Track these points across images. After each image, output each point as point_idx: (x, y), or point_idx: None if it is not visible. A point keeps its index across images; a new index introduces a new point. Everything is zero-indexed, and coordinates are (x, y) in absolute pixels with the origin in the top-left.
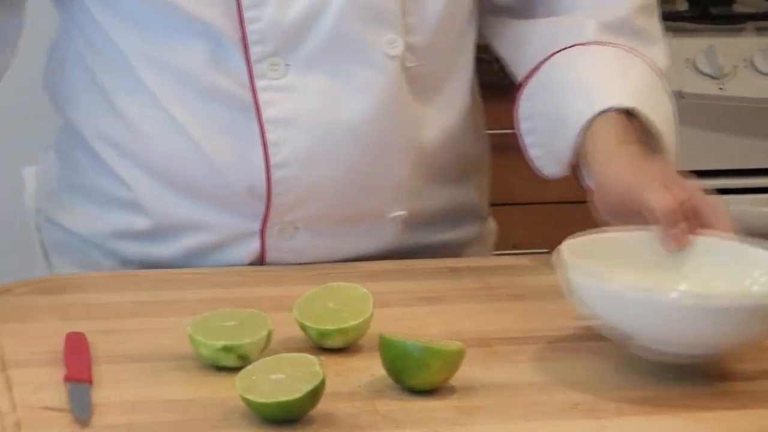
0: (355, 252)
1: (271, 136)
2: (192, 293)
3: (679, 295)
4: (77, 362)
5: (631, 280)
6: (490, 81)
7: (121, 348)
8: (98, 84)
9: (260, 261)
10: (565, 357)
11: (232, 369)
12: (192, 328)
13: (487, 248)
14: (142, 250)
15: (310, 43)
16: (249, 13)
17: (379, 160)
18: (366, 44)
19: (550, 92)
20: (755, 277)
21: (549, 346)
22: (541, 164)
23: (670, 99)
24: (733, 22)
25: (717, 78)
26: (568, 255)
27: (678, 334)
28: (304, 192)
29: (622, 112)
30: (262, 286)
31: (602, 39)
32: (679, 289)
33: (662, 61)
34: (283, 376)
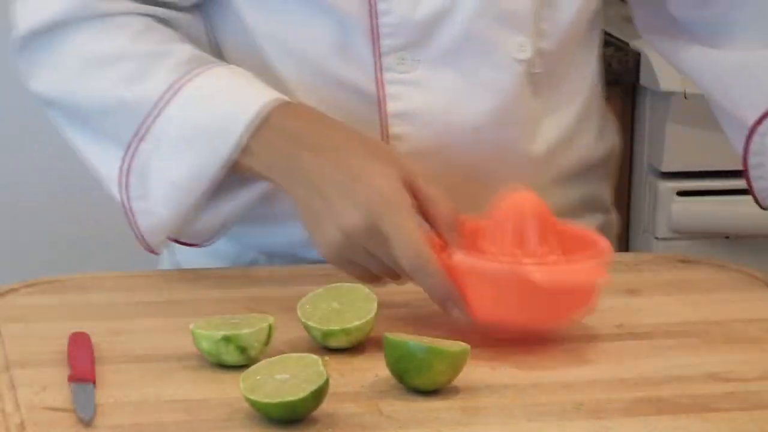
0: None
1: (394, 130)
2: (196, 293)
3: None
4: (81, 362)
5: None
6: None
7: (125, 348)
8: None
9: None
10: (570, 358)
11: (237, 368)
12: (195, 324)
13: (610, 241)
14: (263, 233)
15: (440, 41)
16: (382, 5)
17: (499, 161)
18: (495, 46)
19: None
20: None
21: (554, 347)
22: (763, 196)
23: None
24: None
25: None
26: None
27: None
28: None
29: None
30: (266, 286)
31: None
32: None
33: None
34: (287, 376)
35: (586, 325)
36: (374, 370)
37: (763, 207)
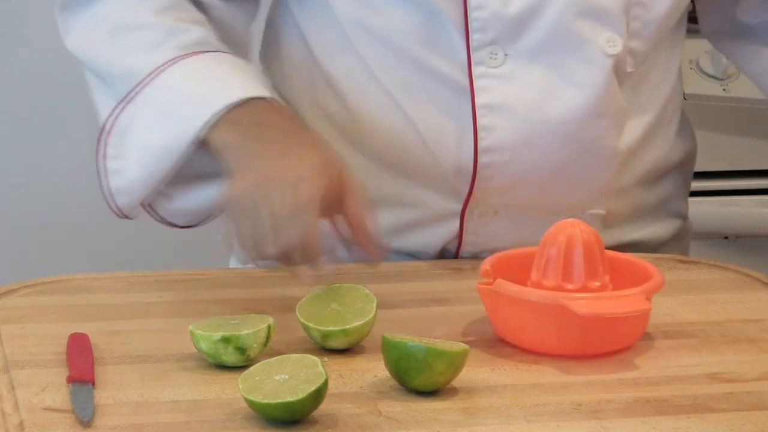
0: None
1: (483, 121)
2: (196, 294)
3: None
4: (80, 363)
5: None
6: None
7: (125, 349)
8: (314, 58)
9: (457, 243)
10: (569, 358)
11: (236, 369)
12: (193, 325)
13: (684, 247)
14: None
15: (530, 36)
16: (474, 1)
17: (586, 157)
18: (585, 41)
19: None
20: None
21: None
22: None
23: None
24: None
25: (721, 79)
26: None
27: None
28: (509, 178)
29: None
30: (266, 287)
31: None
32: None
33: None
34: (287, 377)
35: None
36: (373, 370)
37: None
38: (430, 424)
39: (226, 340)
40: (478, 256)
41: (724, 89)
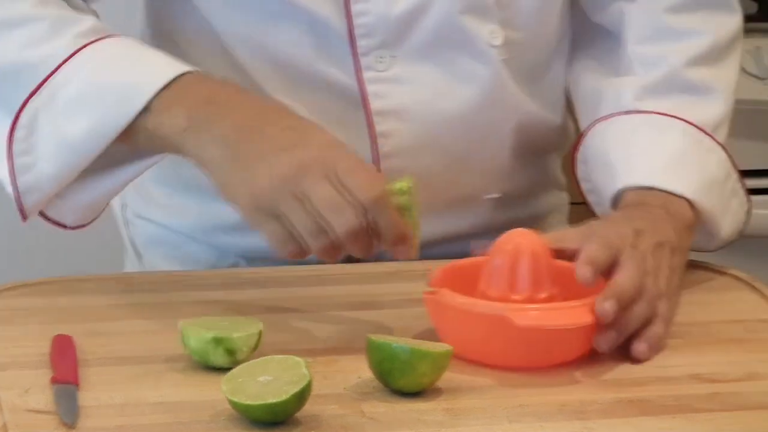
0: (452, 232)
1: (380, 128)
2: (180, 295)
3: None
4: (64, 365)
5: None
6: None
7: (109, 350)
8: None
9: None
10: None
11: (220, 370)
12: (184, 322)
13: (564, 216)
14: (243, 240)
15: (416, 36)
16: (357, 7)
17: (482, 146)
18: (470, 35)
19: (590, 165)
20: None
21: None
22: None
23: (715, 152)
24: None
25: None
26: None
27: None
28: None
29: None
30: (250, 288)
31: (640, 106)
32: None
33: (714, 114)
34: (270, 378)
35: None
36: (357, 371)
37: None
38: (413, 425)
39: (218, 341)
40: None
41: None
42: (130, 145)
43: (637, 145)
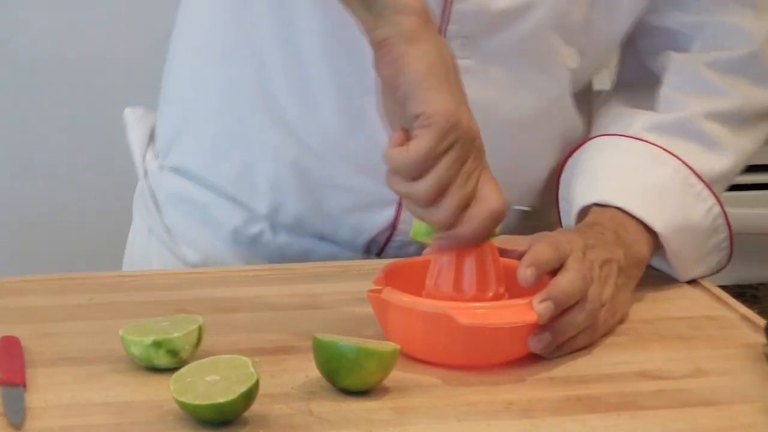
0: None
1: None
2: (126, 295)
3: None
4: (11, 366)
5: None
6: None
7: (56, 351)
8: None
9: (389, 234)
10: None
11: (167, 371)
12: (124, 330)
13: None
14: (276, 200)
15: (504, 35)
16: None
17: (527, 158)
18: (551, 52)
19: (574, 172)
20: None
21: None
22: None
23: (706, 202)
24: None
25: None
26: None
27: None
28: None
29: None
30: (198, 288)
31: (645, 136)
32: None
33: (717, 168)
34: (218, 378)
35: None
36: (304, 370)
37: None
38: (361, 423)
39: (158, 344)
40: (404, 248)
41: None
42: None
43: (624, 167)
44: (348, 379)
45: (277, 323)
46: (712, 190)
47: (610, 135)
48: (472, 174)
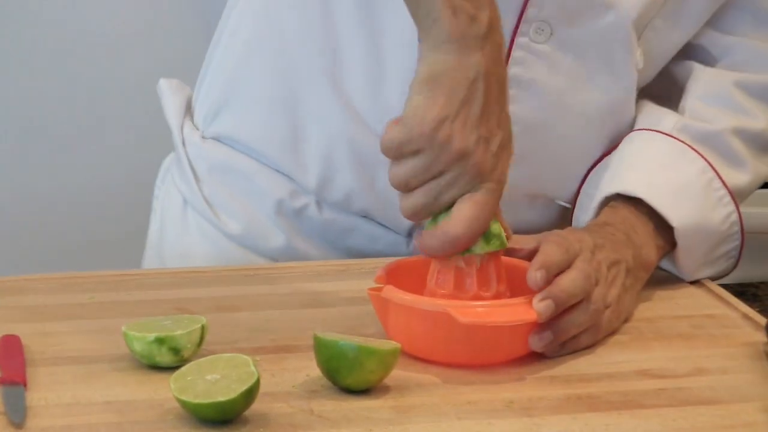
0: (521, 227)
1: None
2: (127, 294)
3: None
4: (11, 365)
5: None
6: None
7: (57, 350)
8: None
9: None
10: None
11: (169, 369)
12: (126, 326)
13: None
14: (325, 175)
15: (582, 28)
16: None
17: (582, 152)
18: (626, 49)
19: (603, 165)
20: None
21: None
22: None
23: (726, 208)
24: None
25: None
26: None
27: None
28: (514, 154)
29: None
30: (198, 287)
31: (675, 134)
32: None
33: (737, 181)
34: (218, 377)
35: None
36: (305, 369)
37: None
38: (362, 422)
39: (160, 341)
40: None
41: None
42: None
43: (652, 161)
44: (349, 378)
45: (278, 322)
46: (733, 197)
47: (640, 129)
48: (447, 191)
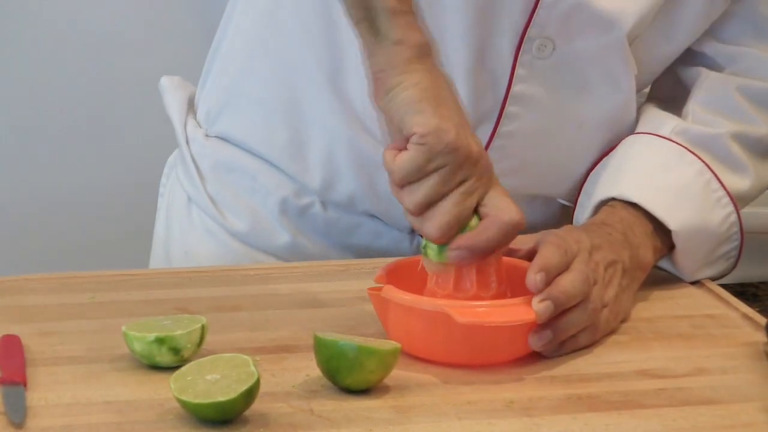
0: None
1: (509, 109)
2: (127, 294)
3: None
4: (11, 364)
5: None
6: None
7: (57, 350)
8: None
9: None
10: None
11: (168, 369)
12: (126, 326)
13: None
14: (327, 178)
15: (583, 44)
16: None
17: (583, 159)
18: (623, 65)
19: (602, 166)
20: None
21: None
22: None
23: (724, 209)
24: None
25: None
26: None
27: None
28: (509, 164)
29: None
30: (198, 286)
31: (674, 138)
32: None
33: (736, 185)
34: (218, 377)
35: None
36: (305, 369)
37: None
38: (362, 422)
39: (160, 341)
40: None
41: None
42: None
43: (650, 165)
44: (349, 378)
45: (278, 322)
46: (732, 198)
47: (640, 133)
48: (473, 193)
